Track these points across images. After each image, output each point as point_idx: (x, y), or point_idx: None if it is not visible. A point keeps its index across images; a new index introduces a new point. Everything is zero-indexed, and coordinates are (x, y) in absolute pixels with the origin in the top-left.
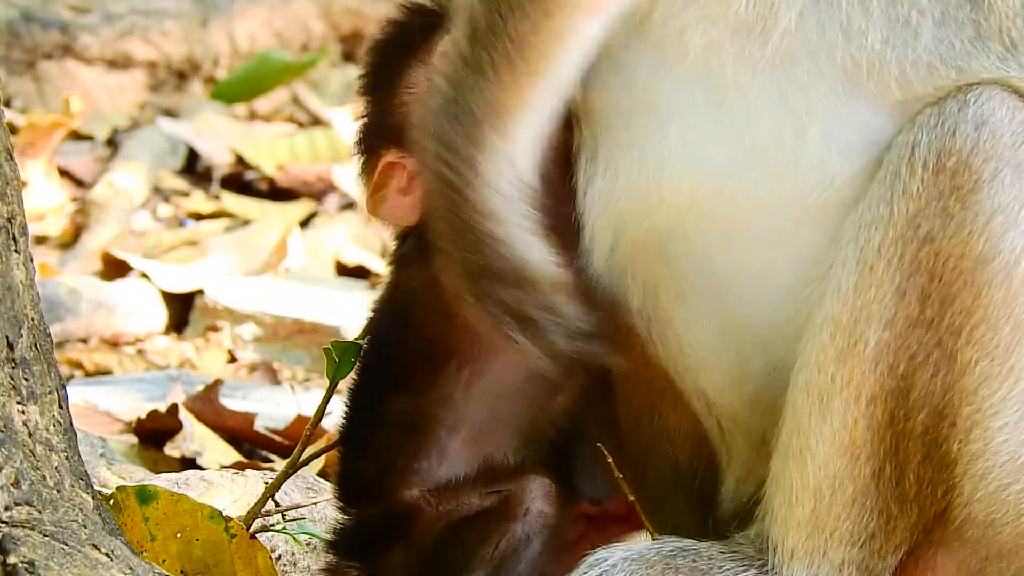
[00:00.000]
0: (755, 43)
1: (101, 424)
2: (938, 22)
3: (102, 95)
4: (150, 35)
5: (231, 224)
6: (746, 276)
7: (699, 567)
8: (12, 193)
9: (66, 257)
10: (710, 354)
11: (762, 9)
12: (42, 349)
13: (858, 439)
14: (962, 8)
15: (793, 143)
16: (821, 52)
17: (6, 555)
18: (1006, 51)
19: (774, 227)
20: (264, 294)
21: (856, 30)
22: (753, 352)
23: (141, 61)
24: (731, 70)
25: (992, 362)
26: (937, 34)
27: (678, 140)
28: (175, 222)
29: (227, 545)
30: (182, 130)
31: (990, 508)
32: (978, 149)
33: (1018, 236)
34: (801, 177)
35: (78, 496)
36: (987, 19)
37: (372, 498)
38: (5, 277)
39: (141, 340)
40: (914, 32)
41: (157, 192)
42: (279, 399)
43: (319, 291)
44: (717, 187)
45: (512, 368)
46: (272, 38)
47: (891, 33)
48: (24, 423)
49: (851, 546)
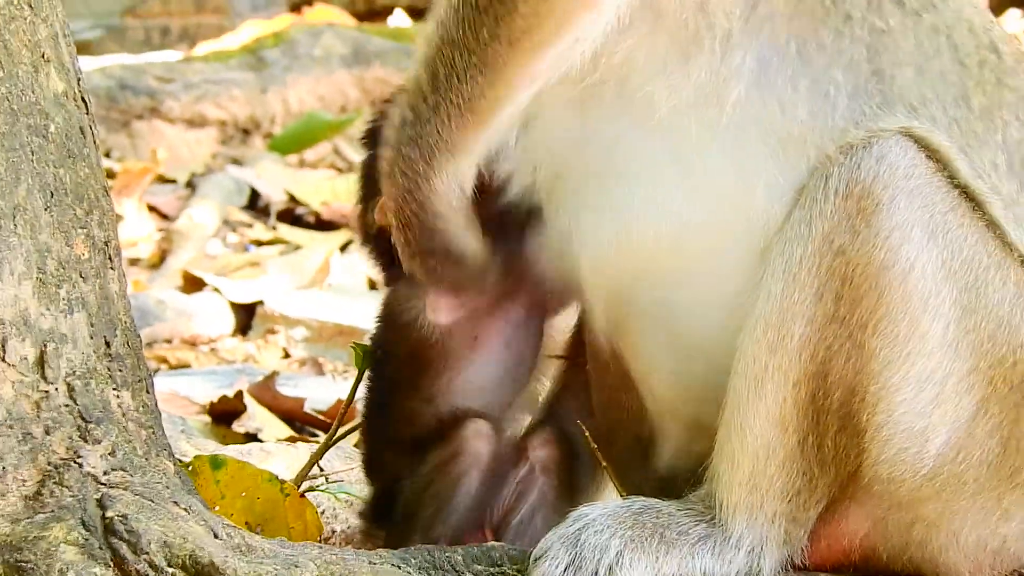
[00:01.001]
0: (712, 111)
1: (182, 407)
2: (851, 95)
3: (182, 147)
4: (220, 100)
5: (285, 249)
6: (695, 303)
7: (660, 522)
8: (108, 223)
9: (154, 276)
10: (658, 362)
11: (716, 82)
12: (133, 346)
13: (786, 414)
14: (870, 82)
15: (744, 197)
16: (763, 122)
17: (104, 510)
18: (909, 112)
19: (723, 265)
20: (311, 303)
21: (788, 104)
22: (695, 359)
23: (213, 120)
24: (694, 135)
25: (893, 349)
26: (850, 104)
27: (645, 198)
28: (241, 248)
29: (282, 502)
30: (246, 175)
31: (892, 468)
32: (879, 179)
33: (912, 248)
34: (750, 224)
35: (162, 463)
36: (890, 89)
37: (381, 473)
38: (104, 289)
39: (213, 341)
40: (832, 104)
41: (226, 224)
42: (323, 387)
43: (355, 301)
44: (676, 234)
45: (480, 366)
46: (317, 101)
47: (815, 106)
48: (118, 405)
49: (782, 500)
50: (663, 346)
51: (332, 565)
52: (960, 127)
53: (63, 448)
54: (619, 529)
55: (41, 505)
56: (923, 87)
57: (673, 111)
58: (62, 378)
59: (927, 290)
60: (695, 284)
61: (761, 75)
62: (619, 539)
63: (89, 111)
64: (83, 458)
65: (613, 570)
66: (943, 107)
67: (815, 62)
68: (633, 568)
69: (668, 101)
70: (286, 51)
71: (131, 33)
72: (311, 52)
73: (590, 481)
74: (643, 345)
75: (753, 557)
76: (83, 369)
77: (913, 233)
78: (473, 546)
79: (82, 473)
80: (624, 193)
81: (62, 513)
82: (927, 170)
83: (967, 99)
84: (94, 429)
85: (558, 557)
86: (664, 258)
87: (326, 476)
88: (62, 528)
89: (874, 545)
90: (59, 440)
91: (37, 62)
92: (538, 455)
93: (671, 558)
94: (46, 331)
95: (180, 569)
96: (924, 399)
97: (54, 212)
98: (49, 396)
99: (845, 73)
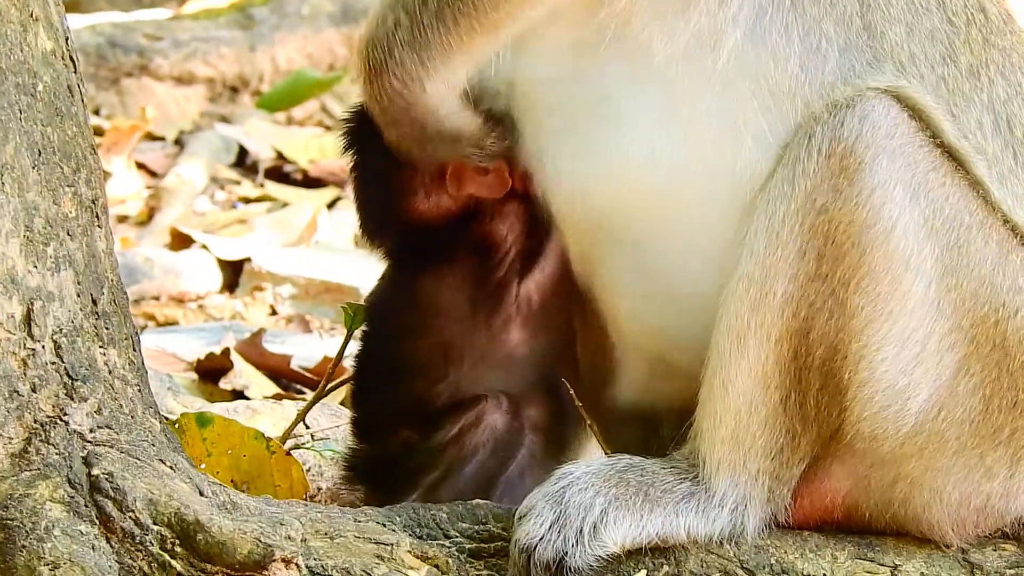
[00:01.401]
0: (707, 59)
1: (169, 364)
2: (841, 49)
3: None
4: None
5: (273, 206)
6: (670, 246)
7: (645, 480)
8: (96, 181)
9: (142, 233)
10: (625, 297)
11: (713, 29)
12: (120, 304)
13: (769, 371)
14: (860, 37)
15: (732, 148)
16: (756, 73)
17: (90, 468)
18: (898, 70)
19: (709, 215)
20: (299, 261)
21: (781, 56)
22: (660, 297)
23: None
24: (687, 83)
25: (875, 307)
26: (840, 59)
27: (632, 141)
28: (228, 205)
29: (268, 460)
30: (234, 133)
31: (874, 425)
32: (861, 138)
33: (894, 207)
34: (736, 176)
35: (148, 421)
36: (880, 46)
37: (374, 436)
38: (91, 247)
39: (201, 298)
40: (823, 58)
41: (214, 181)
42: (310, 344)
43: (342, 259)
44: (664, 182)
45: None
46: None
47: (806, 59)
48: (105, 363)
49: (765, 458)
50: (631, 283)
51: (317, 523)
52: (947, 85)
53: (49, 406)
54: (603, 487)
55: (27, 463)
56: (912, 45)
57: (669, 58)
58: (49, 336)
59: (909, 249)
60: (672, 228)
61: (756, 24)
62: (603, 497)
63: (77, 70)
64: (69, 416)
65: (597, 528)
66: (931, 65)
67: (808, 12)
68: (617, 526)
69: (665, 48)
70: (275, 9)
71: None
72: (299, 10)
73: (579, 440)
74: (611, 279)
75: (737, 515)
76: (70, 327)
77: (895, 192)
78: (458, 504)
79: (68, 431)
80: (610, 135)
81: (48, 471)
82: (909, 129)
83: (954, 58)
84: (80, 387)
85: (542, 515)
86: (643, 200)
87: (312, 434)
88: (48, 486)
89: (857, 503)
90: (45, 398)
91: (26, 21)
92: (528, 414)
93: (655, 516)
94: (33, 289)
95: (165, 527)
96: (906, 357)
97: (42, 170)
98: (36, 354)
99: (836, 26)
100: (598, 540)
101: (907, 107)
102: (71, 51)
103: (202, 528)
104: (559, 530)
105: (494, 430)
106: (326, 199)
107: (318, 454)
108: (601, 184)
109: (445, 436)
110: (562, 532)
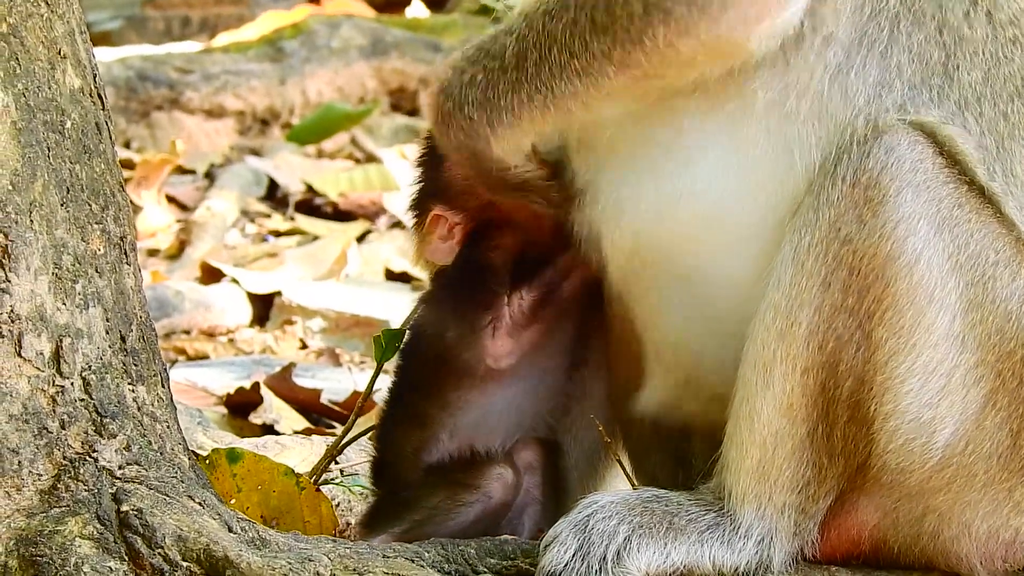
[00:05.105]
0: (791, 99)
1: (199, 398)
2: (911, 85)
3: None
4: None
5: (303, 239)
6: (727, 279)
7: (670, 510)
8: (124, 218)
9: (173, 266)
10: (664, 318)
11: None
12: (148, 340)
13: (795, 403)
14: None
15: (786, 178)
16: (826, 113)
17: (119, 504)
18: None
19: (759, 245)
20: (329, 295)
21: (851, 92)
22: (698, 321)
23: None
24: (758, 119)
25: (899, 340)
26: (906, 93)
27: (696, 176)
28: (259, 238)
29: (297, 495)
30: (264, 166)
31: (900, 458)
32: (887, 171)
33: (917, 240)
34: (784, 205)
35: (177, 458)
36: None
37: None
38: (120, 284)
39: (231, 331)
40: (889, 90)
41: (245, 214)
42: (340, 378)
43: (372, 292)
44: (720, 214)
45: (490, 392)
46: (335, 93)
47: (873, 93)
48: (134, 400)
49: (791, 492)
50: (673, 306)
51: (346, 559)
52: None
53: (78, 443)
54: (628, 516)
55: (56, 499)
56: (982, 85)
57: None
58: (78, 373)
59: (932, 282)
60: (724, 259)
61: (842, 66)
62: (627, 525)
63: (105, 107)
64: (98, 452)
65: (621, 555)
66: (994, 102)
67: (893, 60)
68: (641, 553)
69: (766, 95)
70: (305, 42)
71: (151, 23)
72: (329, 43)
73: (577, 480)
74: (652, 301)
75: (763, 547)
76: (98, 364)
77: (919, 226)
78: (486, 540)
79: (97, 467)
80: (673, 171)
81: (77, 507)
82: (935, 165)
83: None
84: (109, 423)
85: (567, 543)
86: (699, 233)
87: (341, 469)
88: (77, 522)
89: (885, 537)
90: (74, 434)
91: (54, 58)
92: (522, 456)
93: (680, 545)
94: (62, 326)
95: (194, 563)
96: (931, 390)
97: (70, 208)
98: (65, 391)
99: (911, 65)
100: (621, 567)
101: (934, 141)
102: (99, 88)
103: (231, 564)
104: (583, 558)
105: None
106: (356, 232)
107: (347, 489)
108: (659, 217)
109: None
110: (586, 560)
